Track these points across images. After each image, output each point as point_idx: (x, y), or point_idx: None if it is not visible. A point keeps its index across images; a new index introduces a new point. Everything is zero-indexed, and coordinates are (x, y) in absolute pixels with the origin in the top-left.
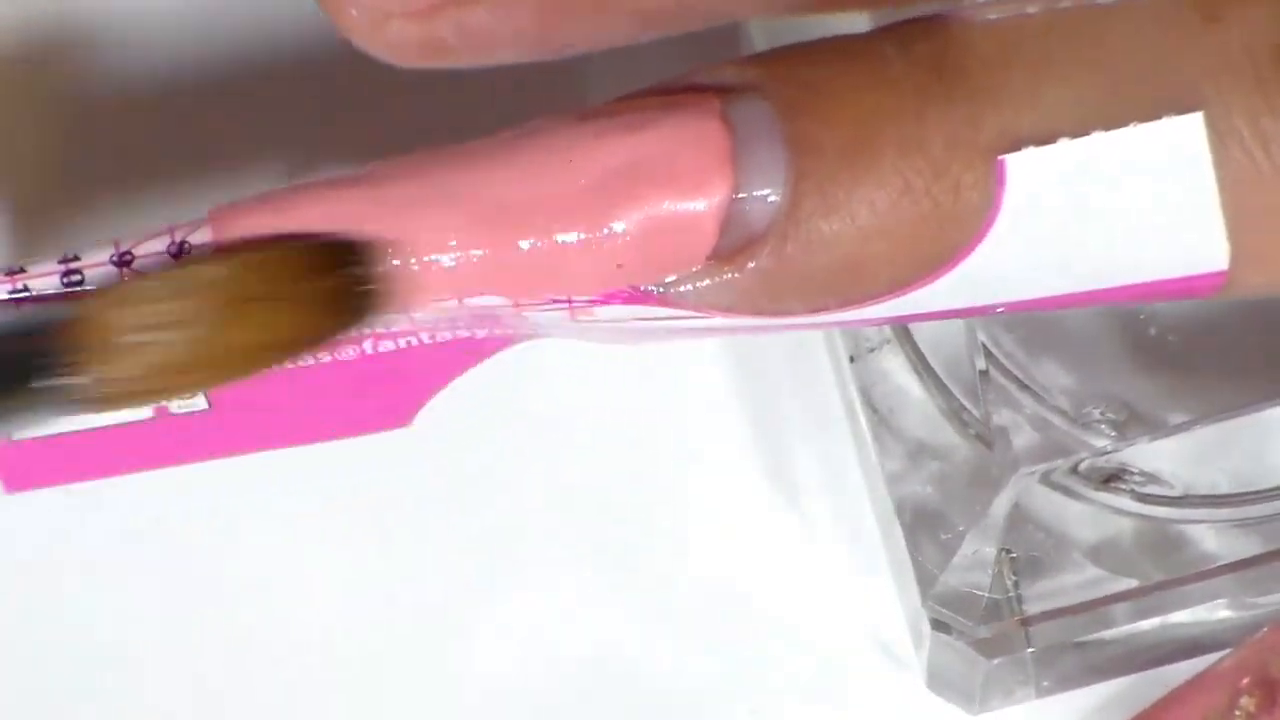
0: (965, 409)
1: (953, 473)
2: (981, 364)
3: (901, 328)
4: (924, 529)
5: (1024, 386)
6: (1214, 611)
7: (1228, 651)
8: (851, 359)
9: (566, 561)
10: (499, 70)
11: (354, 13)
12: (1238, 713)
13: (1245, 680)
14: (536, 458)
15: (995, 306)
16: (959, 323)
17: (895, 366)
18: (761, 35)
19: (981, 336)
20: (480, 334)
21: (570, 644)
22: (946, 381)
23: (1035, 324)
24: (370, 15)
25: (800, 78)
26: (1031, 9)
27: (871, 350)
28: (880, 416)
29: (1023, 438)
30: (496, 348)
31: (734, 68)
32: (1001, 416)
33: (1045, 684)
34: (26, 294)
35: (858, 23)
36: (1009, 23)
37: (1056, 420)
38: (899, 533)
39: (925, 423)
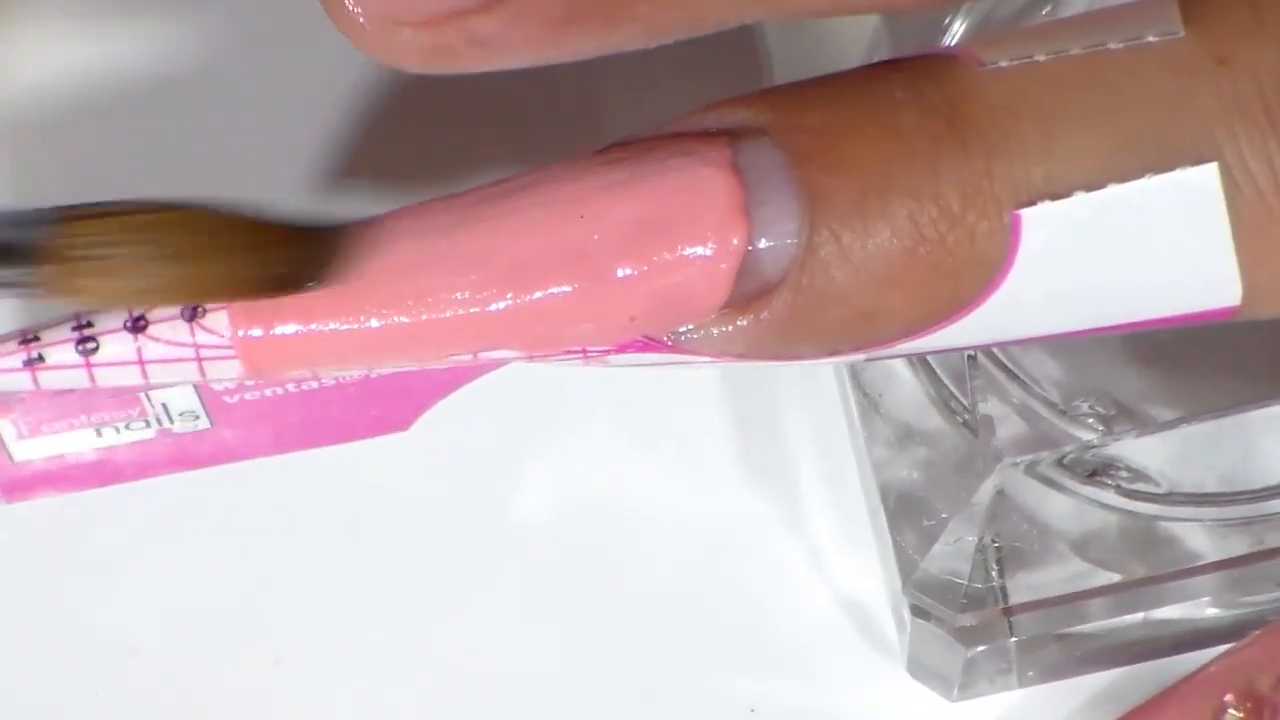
0: (954, 396)
1: (938, 460)
2: (970, 351)
3: None
4: (907, 514)
5: (1013, 376)
6: (1200, 609)
7: (1208, 662)
8: None
9: (573, 564)
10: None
11: (362, 21)
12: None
13: (1228, 696)
14: (532, 456)
15: (1011, 343)
16: None
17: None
18: (777, 36)
19: None
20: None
21: (565, 639)
22: (936, 368)
23: None
24: (380, 24)
25: (811, 123)
26: (1040, 56)
27: None
28: (870, 400)
29: (1009, 428)
30: (497, 365)
31: (744, 110)
32: (988, 405)
33: (1029, 674)
34: (40, 361)
35: (868, 23)
36: (1019, 70)
37: (1044, 412)
38: (883, 517)
39: (913, 408)
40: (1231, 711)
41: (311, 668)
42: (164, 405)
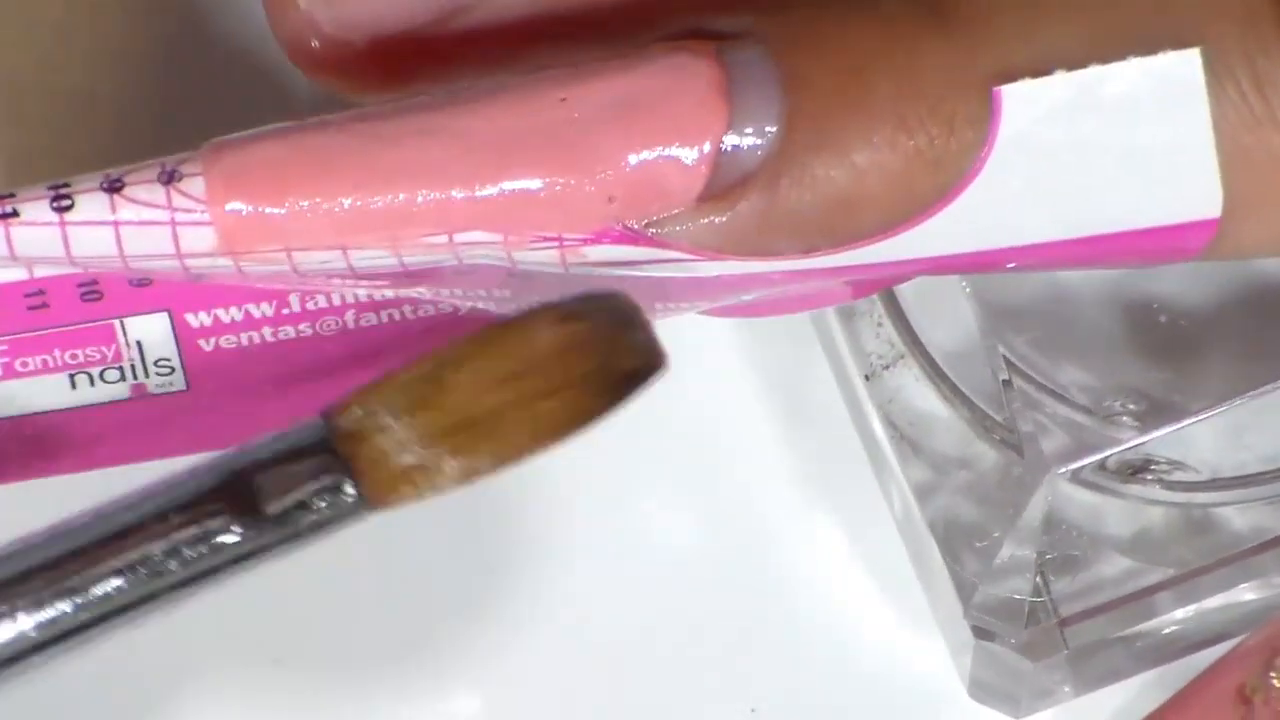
0: (988, 417)
1: (981, 481)
2: (1004, 373)
3: (914, 340)
4: (959, 540)
5: (1042, 388)
6: (1243, 594)
7: (1259, 626)
8: (866, 378)
9: (574, 565)
10: None
11: (315, 45)
12: (1273, 674)
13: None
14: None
15: (989, 255)
16: (972, 330)
17: (910, 380)
18: None
19: (998, 345)
20: (464, 308)
21: (565, 639)
22: (965, 390)
23: (1046, 323)
24: (333, 48)
25: (794, 18)
26: None
27: (886, 367)
28: (901, 432)
29: (1051, 440)
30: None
31: (729, 16)
32: (1027, 421)
33: (1080, 682)
34: (14, 216)
35: None
36: None
37: (1080, 418)
38: (932, 546)
39: (949, 434)
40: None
41: (312, 668)
42: (139, 345)
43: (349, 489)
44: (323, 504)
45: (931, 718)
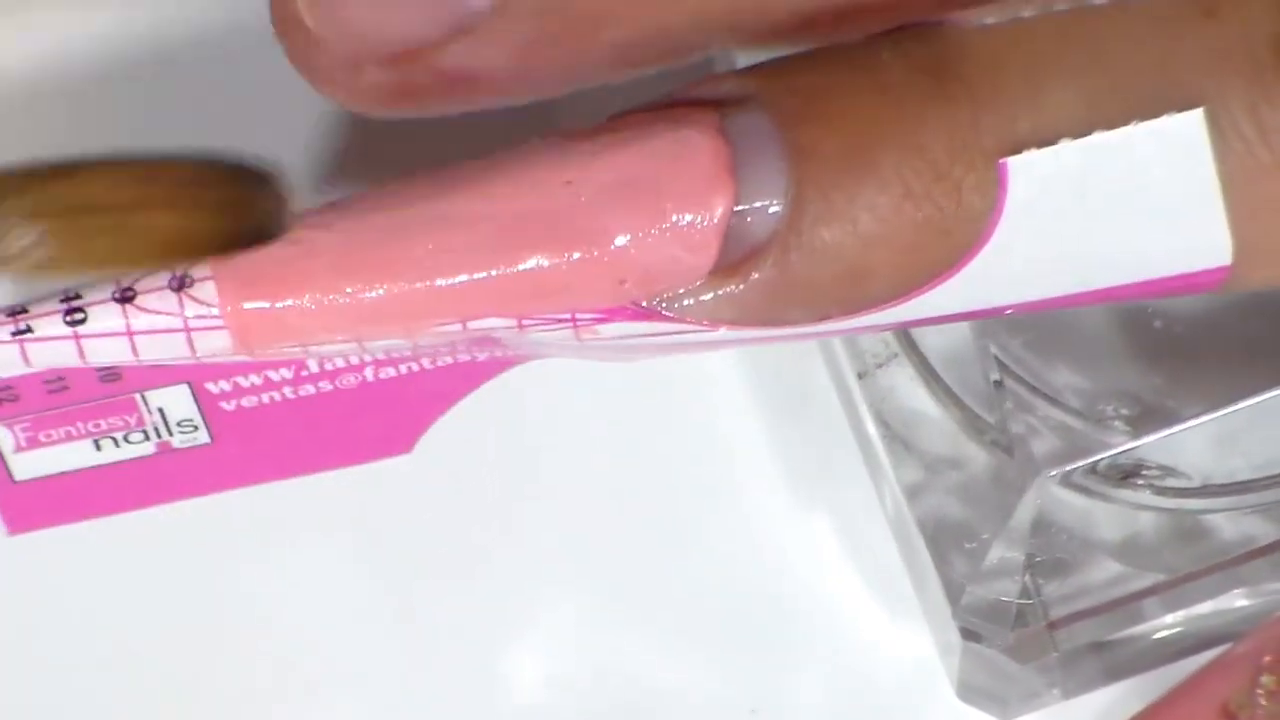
0: (980, 418)
1: (972, 482)
2: (995, 374)
3: (907, 339)
4: (948, 541)
5: (1036, 391)
6: (1234, 601)
7: (1245, 635)
8: (859, 376)
9: (574, 576)
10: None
11: (323, 62)
12: (1259, 691)
13: (1267, 658)
14: (539, 476)
15: (1002, 309)
16: (965, 331)
17: (904, 380)
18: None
19: (991, 346)
20: (481, 356)
21: (566, 640)
22: (958, 392)
23: (1041, 326)
24: (340, 64)
25: (798, 86)
26: (1027, 13)
27: (879, 366)
28: (893, 431)
29: (1041, 442)
30: (494, 371)
31: (733, 79)
32: (1018, 423)
33: (1069, 685)
34: (29, 333)
35: None
36: (1005, 27)
37: (1072, 421)
38: (921, 546)
39: (941, 435)
40: (1266, 675)
41: (312, 668)
42: (160, 411)
43: None
44: None
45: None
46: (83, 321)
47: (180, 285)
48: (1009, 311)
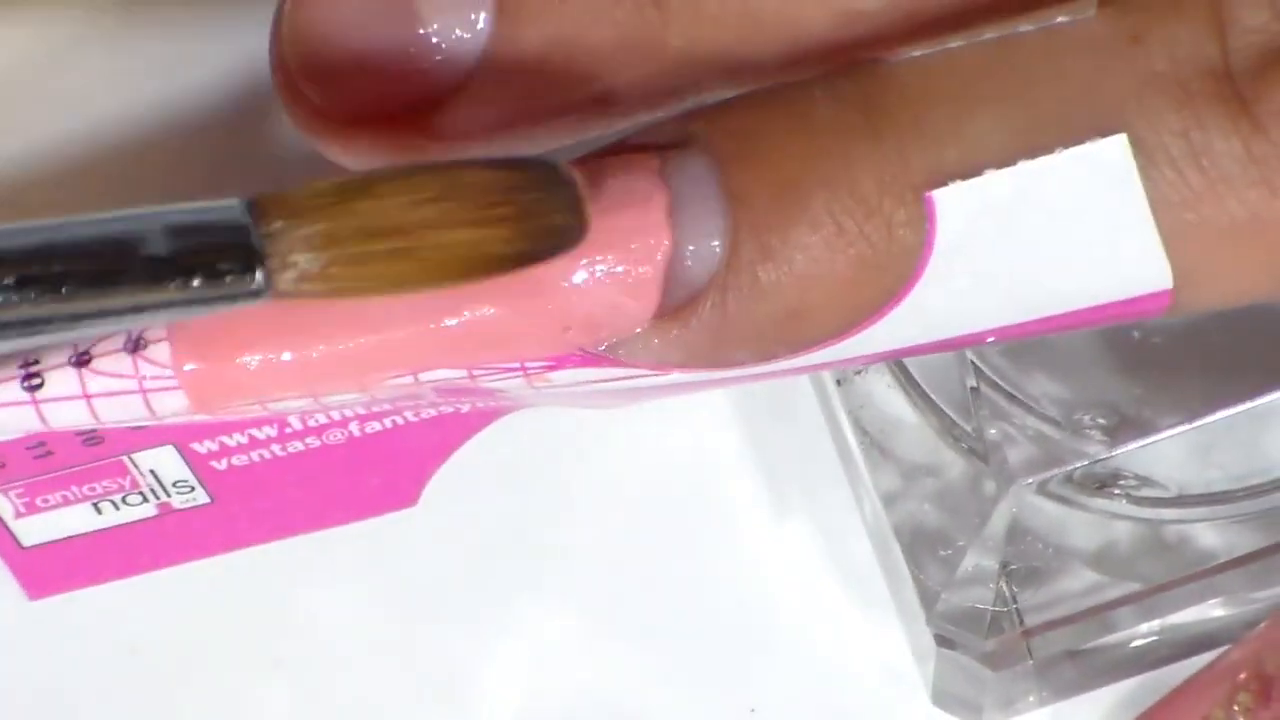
0: (957, 425)
1: (949, 489)
2: (972, 381)
3: None
4: (924, 547)
5: (1013, 399)
6: (1211, 610)
7: (1226, 649)
8: (839, 382)
9: (568, 568)
10: None
11: (322, 123)
12: (1236, 708)
13: (1242, 675)
14: (533, 489)
15: (949, 342)
16: None
17: (883, 387)
18: None
19: (969, 353)
20: (464, 408)
21: (565, 641)
22: (935, 398)
23: None
24: (343, 129)
25: (734, 128)
26: (954, 43)
27: (858, 373)
28: (871, 438)
29: (1017, 450)
30: (487, 420)
31: (676, 123)
32: (994, 431)
33: (1045, 693)
34: None
35: None
36: (933, 58)
37: (1049, 430)
38: (898, 552)
39: (918, 441)
40: (1242, 693)
41: (312, 668)
42: (153, 473)
43: (258, 276)
44: (228, 279)
45: None
46: (40, 386)
47: (135, 348)
48: (957, 343)
